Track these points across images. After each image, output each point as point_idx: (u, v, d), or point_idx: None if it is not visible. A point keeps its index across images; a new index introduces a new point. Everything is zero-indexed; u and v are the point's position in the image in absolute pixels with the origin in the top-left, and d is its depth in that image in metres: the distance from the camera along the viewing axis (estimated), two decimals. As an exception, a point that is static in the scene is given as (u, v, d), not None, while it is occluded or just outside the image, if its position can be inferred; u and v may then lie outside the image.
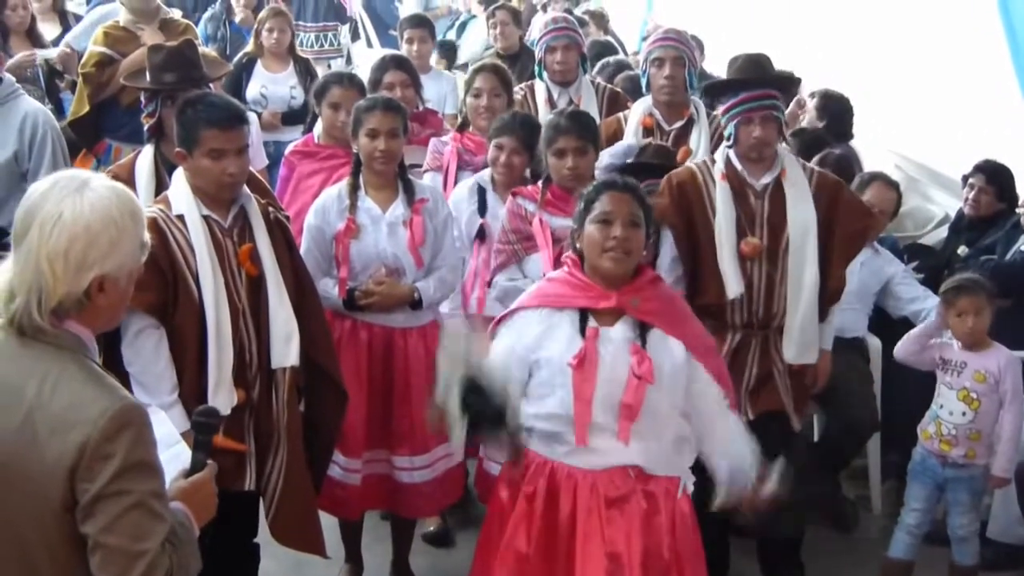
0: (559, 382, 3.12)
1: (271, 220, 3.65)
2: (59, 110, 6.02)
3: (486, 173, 4.52)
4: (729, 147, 4.16)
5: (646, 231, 3.21)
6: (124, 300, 2.41)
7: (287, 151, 4.98)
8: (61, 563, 2.25)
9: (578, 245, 3.23)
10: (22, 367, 2.27)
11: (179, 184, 3.56)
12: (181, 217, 3.49)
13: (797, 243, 4.12)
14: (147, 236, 2.43)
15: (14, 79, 5.23)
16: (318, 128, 4.95)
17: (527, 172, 4.46)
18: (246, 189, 3.66)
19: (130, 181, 4.02)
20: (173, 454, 2.59)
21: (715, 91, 4.35)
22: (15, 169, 4.74)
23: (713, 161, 4.22)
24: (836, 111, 6.01)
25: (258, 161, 4.98)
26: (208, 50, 6.17)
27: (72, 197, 2.27)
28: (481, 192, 4.46)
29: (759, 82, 4.19)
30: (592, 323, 3.14)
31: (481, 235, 4.42)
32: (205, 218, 3.53)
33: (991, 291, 4.32)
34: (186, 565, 2.34)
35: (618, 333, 3.14)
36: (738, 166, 4.15)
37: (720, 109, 4.24)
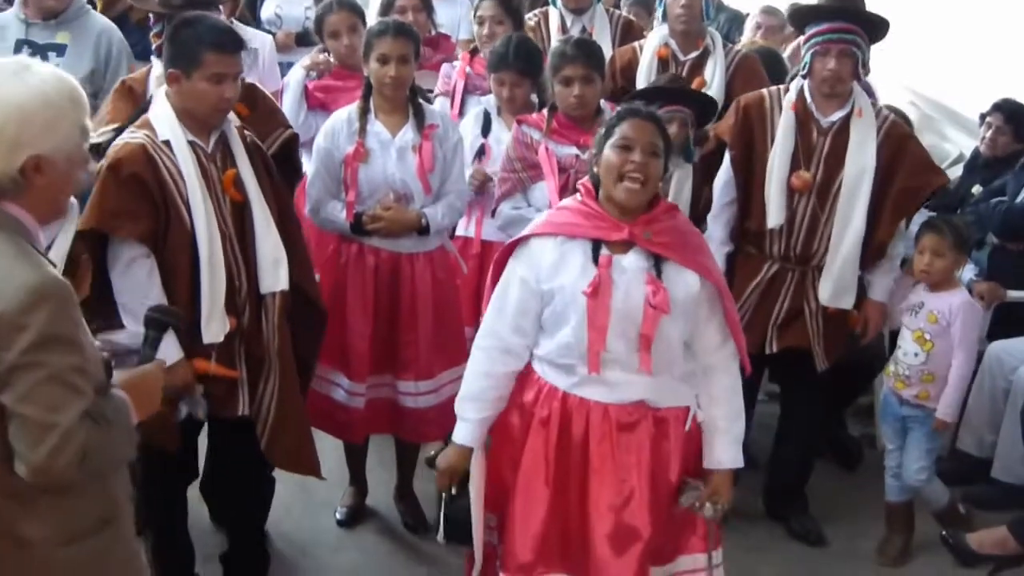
0: (572, 311, 3.05)
1: (249, 144, 3.57)
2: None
3: (492, 99, 4.45)
4: (804, 77, 4.08)
5: (664, 163, 3.13)
6: (66, 185, 2.37)
7: (310, 87, 4.87)
8: None
9: (595, 170, 3.14)
10: None
11: (162, 108, 3.43)
12: (167, 143, 3.38)
13: (850, 186, 4.05)
14: (88, 122, 2.39)
15: None
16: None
17: (534, 98, 4.39)
18: (230, 114, 3.60)
19: (144, 92, 3.98)
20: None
21: (800, 17, 4.23)
22: (88, 89, 4.69)
23: (786, 90, 4.16)
24: None
25: (271, 83, 4.89)
26: None
27: (10, 80, 2.26)
28: (486, 116, 4.40)
29: (845, 15, 4.06)
30: (605, 251, 3.06)
31: (480, 155, 4.36)
32: (191, 144, 3.40)
33: (965, 238, 4.23)
34: (111, 446, 2.34)
35: (632, 262, 3.06)
36: (808, 99, 4.08)
37: (804, 41, 4.15)
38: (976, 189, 5.29)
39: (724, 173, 4.17)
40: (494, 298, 3.23)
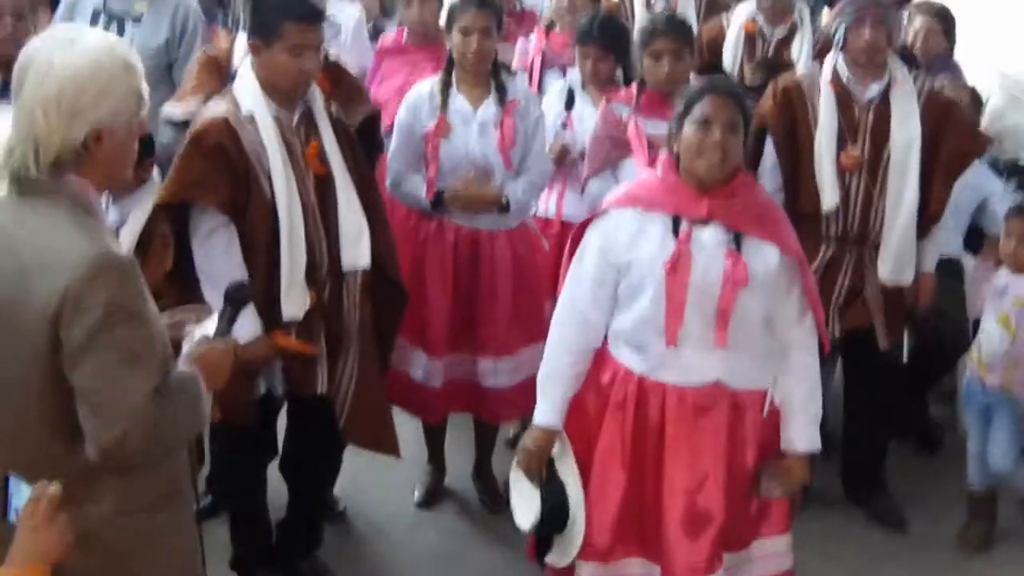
0: (650, 284, 3.04)
1: (335, 119, 3.56)
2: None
3: (575, 74, 4.43)
4: (840, 52, 4.06)
5: (744, 137, 3.12)
6: (126, 153, 2.36)
7: (377, 47, 4.92)
8: (48, 409, 2.25)
9: (675, 147, 3.12)
10: (19, 218, 2.28)
11: (246, 80, 3.43)
12: (252, 116, 3.37)
13: (899, 159, 4.03)
14: (144, 88, 2.36)
15: None
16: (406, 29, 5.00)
17: (619, 74, 4.38)
18: (314, 86, 3.55)
19: (228, 66, 3.95)
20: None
21: None
22: (163, 59, 4.71)
23: (821, 70, 4.16)
24: (937, 11, 5.96)
25: (360, 57, 4.88)
26: None
27: (63, 48, 2.25)
28: (570, 91, 4.38)
29: None
30: (684, 225, 3.04)
31: (563, 128, 4.33)
32: (276, 119, 3.39)
33: None
34: (181, 421, 2.33)
35: (711, 236, 3.05)
36: (845, 74, 4.05)
37: (832, 12, 4.22)
38: None
39: (769, 158, 4.12)
40: (571, 270, 3.22)
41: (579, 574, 3.28)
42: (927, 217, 4.13)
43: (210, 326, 2.58)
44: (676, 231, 3.05)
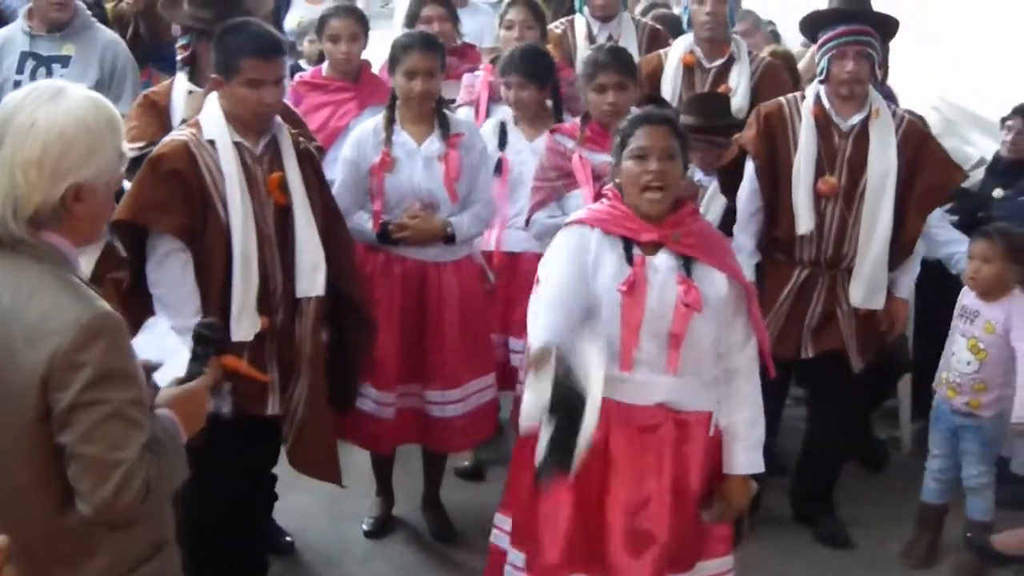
0: (606, 307, 3.13)
1: (301, 151, 3.65)
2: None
3: (508, 110, 4.52)
4: (821, 82, 4.18)
5: (684, 162, 3.23)
6: (104, 211, 2.38)
7: (294, 81, 4.94)
8: (38, 472, 2.24)
9: (616, 180, 3.25)
10: (3, 278, 2.25)
11: (211, 109, 3.55)
12: (212, 142, 3.47)
13: (875, 187, 4.15)
14: (126, 147, 2.38)
15: (85, 7, 5.26)
16: (326, 62, 4.97)
17: (548, 104, 4.44)
18: (278, 119, 3.64)
19: (167, 106, 4.10)
20: (173, 365, 2.59)
21: (813, 23, 4.34)
22: None
23: (803, 96, 4.26)
24: None
25: None
26: None
27: (46, 105, 2.23)
28: (502, 127, 4.48)
29: (858, 16, 4.19)
30: (637, 251, 3.15)
31: (498, 169, 4.41)
32: (236, 144, 3.50)
33: (1016, 241, 4.27)
34: (168, 472, 2.33)
35: (663, 262, 3.15)
36: (827, 104, 4.17)
37: (818, 47, 4.27)
38: (997, 192, 5.33)
39: (749, 183, 4.21)
40: (543, 275, 3.19)
41: None
42: (900, 246, 4.22)
43: (179, 365, 2.59)
44: (629, 257, 3.14)
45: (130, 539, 2.35)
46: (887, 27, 4.33)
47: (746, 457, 3.25)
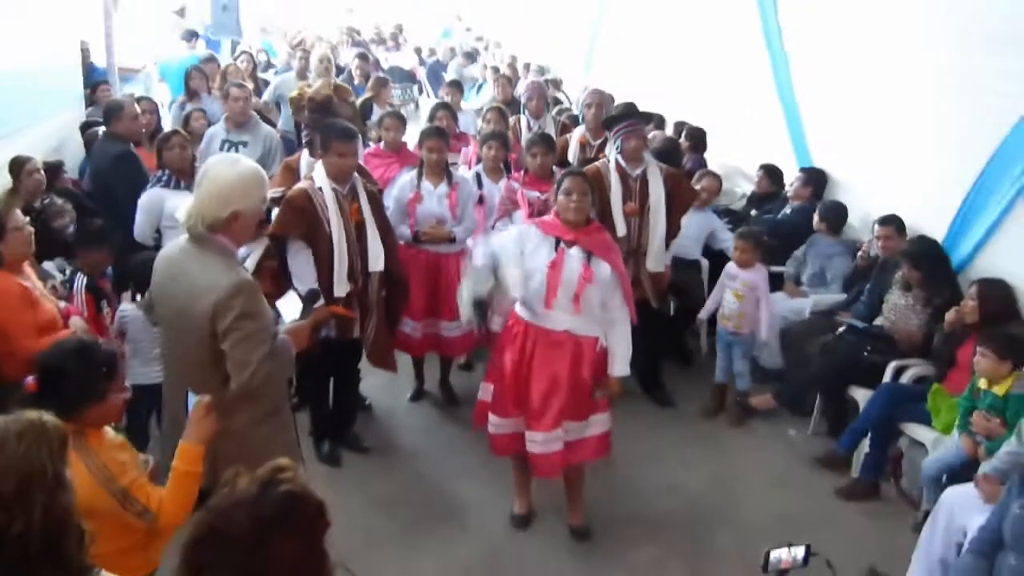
0: (539, 274, 3.57)
1: (369, 191, 4.12)
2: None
3: (481, 167, 5.09)
4: (618, 152, 4.77)
5: (592, 198, 3.73)
6: (249, 229, 2.71)
7: (365, 152, 5.28)
8: (211, 364, 2.64)
9: (554, 207, 3.69)
10: (193, 258, 2.67)
11: (319, 170, 4.04)
12: (320, 188, 3.98)
13: (654, 207, 4.80)
14: (267, 195, 2.71)
15: (255, 112, 5.91)
16: (382, 142, 5.47)
17: (503, 162, 5.00)
18: (356, 173, 4.09)
19: (297, 168, 4.72)
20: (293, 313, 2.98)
21: (610, 122, 5.04)
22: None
23: (609, 161, 4.87)
24: (693, 134, 7.04)
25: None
26: (346, 87, 6.71)
27: (227, 167, 2.69)
28: (478, 176, 5.06)
29: (632, 115, 4.93)
30: (561, 245, 3.57)
31: (480, 201, 4.93)
32: (333, 189, 3.99)
33: (759, 238, 5.01)
34: (281, 369, 2.71)
35: (575, 253, 3.53)
36: (623, 163, 4.76)
37: (612, 132, 4.89)
38: (753, 212, 6.37)
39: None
40: (496, 238, 3.88)
41: (490, 422, 3.86)
42: (669, 237, 4.93)
43: (295, 315, 3.02)
44: (556, 248, 3.57)
45: (258, 404, 2.75)
46: (648, 117, 5.08)
47: (620, 366, 3.67)
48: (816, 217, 5.57)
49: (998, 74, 4.44)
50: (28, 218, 3.67)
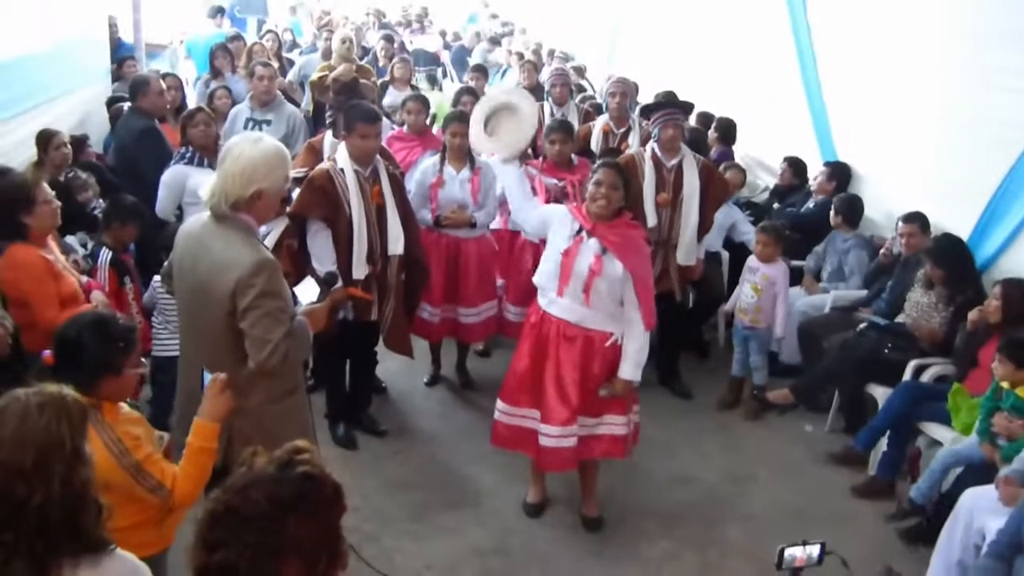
0: (553, 259, 3.60)
1: (391, 174, 4.12)
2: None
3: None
4: (655, 142, 4.77)
5: (624, 193, 3.65)
6: (272, 207, 2.72)
7: (388, 135, 5.21)
8: (229, 341, 2.65)
9: (585, 195, 3.64)
10: (215, 235, 2.68)
11: (342, 151, 4.04)
12: (342, 169, 3.99)
13: (688, 198, 4.80)
14: (290, 174, 2.72)
15: (280, 92, 5.92)
16: (406, 125, 5.38)
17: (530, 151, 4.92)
18: (378, 156, 4.09)
19: (320, 149, 4.75)
20: (311, 295, 2.99)
21: (648, 109, 5.01)
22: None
23: (645, 150, 4.84)
24: (723, 126, 6.99)
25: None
26: (368, 68, 6.96)
27: (250, 145, 2.68)
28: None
29: (671, 104, 4.92)
30: (581, 234, 3.56)
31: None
32: (355, 171, 3.99)
33: (780, 232, 4.99)
34: (298, 349, 2.70)
35: (591, 244, 3.54)
36: (658, 153, 4.75)
37: (650, 121, 4.88)
38: (775, 205, 6.35)
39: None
40: (543, 207, 3.94)
41: (497, 408, 3.85)
42: (701, 230, 4.85)
43: (313, 298, 3.03)
44: (576, 235, 3.56)
45: (275, 383, 2.76)
46: (687, 107, 5.05)
47: (628, 368, 3.62)
48: (832, 212, 5.53)
49: (1028, 73, 4.00)
50: (54, 192, 3.59)
